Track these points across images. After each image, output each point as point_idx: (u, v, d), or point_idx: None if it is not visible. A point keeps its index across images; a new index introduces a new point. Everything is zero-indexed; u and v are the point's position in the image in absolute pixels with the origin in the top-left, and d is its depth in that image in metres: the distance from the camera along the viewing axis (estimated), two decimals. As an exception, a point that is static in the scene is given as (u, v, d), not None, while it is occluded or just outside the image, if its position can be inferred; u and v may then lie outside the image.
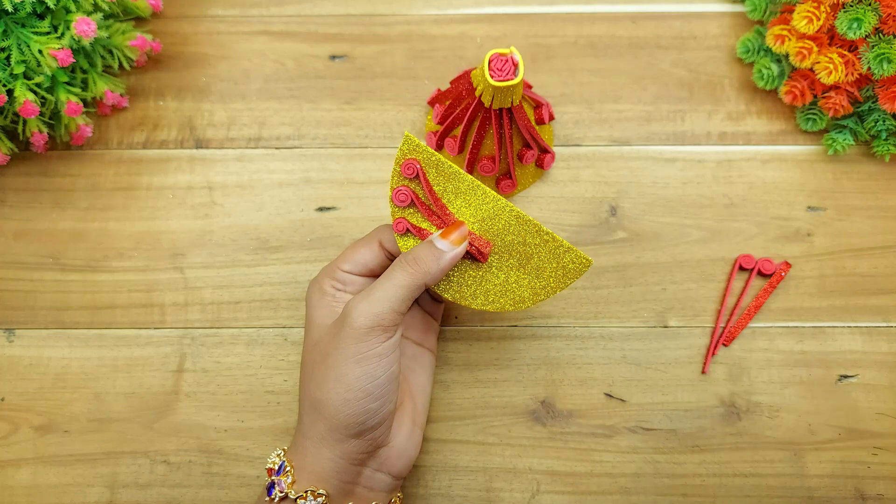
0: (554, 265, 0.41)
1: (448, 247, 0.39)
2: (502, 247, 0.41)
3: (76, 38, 0.46)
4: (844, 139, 0.51)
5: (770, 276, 0.49)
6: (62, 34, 0.46)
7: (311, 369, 0.39)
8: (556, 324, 0.49)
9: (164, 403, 0.47)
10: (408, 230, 0.40)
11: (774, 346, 0.48)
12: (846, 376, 0.48)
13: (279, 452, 0.40)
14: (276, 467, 0.39)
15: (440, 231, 0.40)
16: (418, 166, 0.39)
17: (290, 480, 0.38)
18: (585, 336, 0.49)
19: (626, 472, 0.46)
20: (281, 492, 0.38)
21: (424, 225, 0.40)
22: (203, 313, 0.49)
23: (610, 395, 0.47)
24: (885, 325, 0.49)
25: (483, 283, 0.41)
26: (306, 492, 0.38)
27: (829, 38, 0.49)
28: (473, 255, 0.40)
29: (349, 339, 0.37)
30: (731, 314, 0.49)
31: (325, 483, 0.38)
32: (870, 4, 0.46)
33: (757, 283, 0.49)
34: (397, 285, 0.38)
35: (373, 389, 0.37)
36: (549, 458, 0.46)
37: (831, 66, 0.48)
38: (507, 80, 0.42)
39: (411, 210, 0.40)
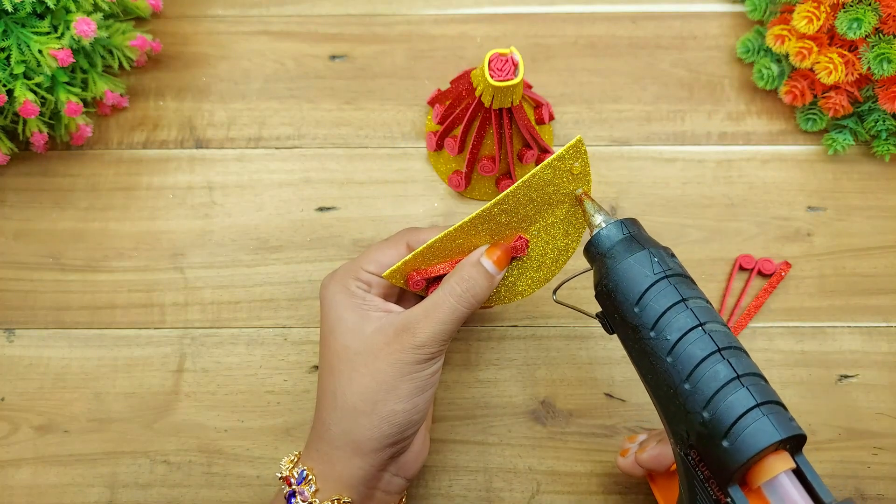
0: (563, 183, 0.38)
1: (496, 270, 0.40)
2: (526, 223, 0.40)
3: (76, 38, 0.46)
4: (844, 139, 0.51)
5: (770, 276, 0.49)
6: (62, 34, 0.46)
7: (348, 377, 0.38)
8: (556, 324, 0.49)
9: (164, 403, 0.47)
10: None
11: (774, 346, 0.48)
12: (846, 376, 0.48)
13: (293, 459, 0.40)
14: (297, 476, 0.38)
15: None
16: (417, 276, 0.40)
17: (313, 489, 0.38)
18: (585, 336, 0.49)
19: (626, 472, 0.46)
20: (304, 501, 0.37)
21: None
22: (203, 313, 0.49)
23: (610, 395, 0.47)
24: (885, 325, 0.49)
25: (526, 269, 0.41)
26: (333, 500, 0.37)
27: (829, 38, 0.49)
28: (515, 257, 0.41)
29: (408, 356, 0.37)
30: (731, 314, 0.49)
31: (352, 490, 0.38)
32: (870, 4, 0.46)
33: (757, 283, 0.49)
34: (456, 311, 0.38)
35: (419, 402, 0.38)
36: (549, 458, 0.46)
37: (831, 66, 0.48)
38: (507, 80, 0.42)
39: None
